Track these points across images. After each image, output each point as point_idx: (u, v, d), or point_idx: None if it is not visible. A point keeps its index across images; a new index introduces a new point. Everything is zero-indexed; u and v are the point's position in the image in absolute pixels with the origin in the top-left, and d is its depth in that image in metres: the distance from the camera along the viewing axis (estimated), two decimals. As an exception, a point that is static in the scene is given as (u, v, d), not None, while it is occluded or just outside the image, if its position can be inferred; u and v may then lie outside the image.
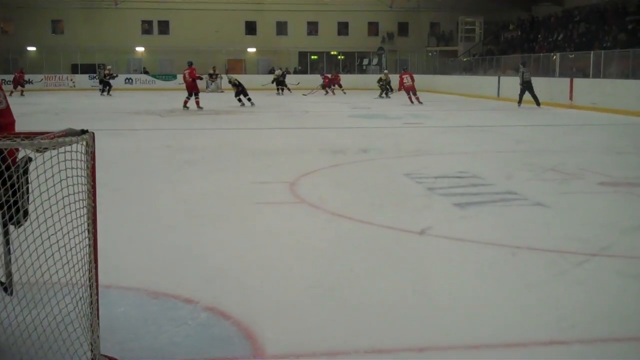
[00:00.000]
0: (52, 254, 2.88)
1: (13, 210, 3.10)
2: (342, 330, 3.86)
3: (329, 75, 36.52)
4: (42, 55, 42.45)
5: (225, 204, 7.51)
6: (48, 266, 2.89)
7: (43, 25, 44.17)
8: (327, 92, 35.14)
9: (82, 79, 40.60)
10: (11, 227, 3.33)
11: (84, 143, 2.94)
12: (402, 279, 4.82)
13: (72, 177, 2.93)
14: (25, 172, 3.24)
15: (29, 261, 2.87)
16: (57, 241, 2.89)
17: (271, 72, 39.39)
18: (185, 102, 22.91)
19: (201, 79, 24.27)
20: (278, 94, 34.81)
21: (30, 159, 3.25)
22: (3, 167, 2.98)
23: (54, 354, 2.96)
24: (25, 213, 3.24)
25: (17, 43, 43.03)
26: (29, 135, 2.82)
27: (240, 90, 25.01)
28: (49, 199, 2.85)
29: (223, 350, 3.56)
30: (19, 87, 33.57)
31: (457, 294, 4.50)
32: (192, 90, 22.88)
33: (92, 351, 3.17)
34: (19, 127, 3.63)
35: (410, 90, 27.20)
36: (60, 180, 2.87)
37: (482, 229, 6.29)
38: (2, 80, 25.73)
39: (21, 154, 3.29)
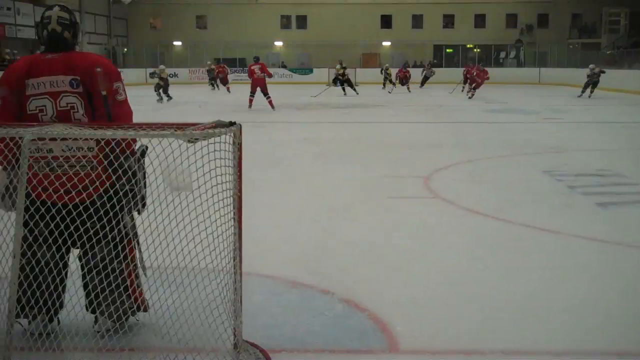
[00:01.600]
0: (201, 241, 3.02)
1: (138, 197, 3.32)
2: (477, 329, 3.80)
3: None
4: (186, 50, 44.33)
5: (359, 197, 7.55)
6: (197, 252, 3.03)
7: (188, 21, 46.16)
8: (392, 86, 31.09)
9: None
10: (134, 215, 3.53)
11: (232, 134, 3.04)
12: (539, 280, 4.66)
13: (220, 167, 3.05)
14: (142, 161, 3.41)
15: (179, 247, 3.01)
16: (206, 228, 3.03)
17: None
18: (269, 102, 19.65)
19: (271, 75, 20.43)
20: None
21: (146, 148, 3.38)
22: (120, 155, 3.23)
23: (200, 337, 3.10)
24: (143, 199, 3.40)
25: (164, 38, 45.22)
26: (181, 126, 2.96)
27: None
28: (199, 187, 2.98)
29: (359, 342, 3.59)
30: (217, 83, 32.17)
31: (597, 299, 4.30)
32: (264, 88, 19.62)
33: (235, 336, 3.29)
34: (168, 119, 3.80)
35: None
36: (210, 170, 3.00)
37: (626, 231, 5.98)
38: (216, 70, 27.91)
39: (137, 144, 3.45)
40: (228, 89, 30.27)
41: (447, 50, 46.06)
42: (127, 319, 3.47)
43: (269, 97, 19.59)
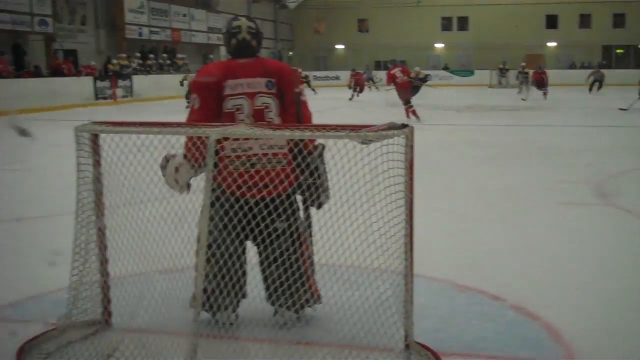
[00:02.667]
0: (374, 240, 3.06)
1: (316, 193, 3.48)
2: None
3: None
4: (348, 53, 45.02)
5: (527, 202, 7.32)
6: (370, 252, 3.08)
7: (350, 25, 46.91)
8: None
9: (382, 75, 42.20)
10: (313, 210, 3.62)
11: (404, 136, 3.06)
12: None
13: (393, 168, 3.08)
14: (322, 158, 3.53)
15: (353, 245, 3.07)
16: (379, 229, 3.06)
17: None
18: (411, 112, 16.78)
19: (411, 82, 17.61)
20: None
21: (324, 147, 3.51)
22: (304, 153, 3.36)
23: (373, 335, 3.13)
24: (326, 196, 3.54)
25: (327, 41, 46.23)
26: (355, 128, 3.01)
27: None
28: (372, 188, 3.02)
29: (533, 351, 3.48)
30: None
31: None
32: (407, 95, 17.10)
33: (406, 337, 3.30)
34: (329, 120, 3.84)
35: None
36: (383, 172, 3.03)
37: None
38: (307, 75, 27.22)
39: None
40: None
41: (617, 50, 43.61)
42: (303, 310, 3.60)
43: (412, 106, 16.92)
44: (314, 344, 3.16)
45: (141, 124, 3.29)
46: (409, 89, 17.15)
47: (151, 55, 30.45)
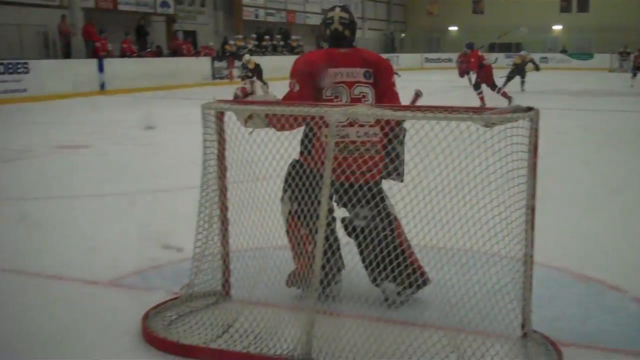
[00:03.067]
0: (494, 225, 3.02)
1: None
2: None
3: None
4: (461, 35, 44.16)
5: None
6: (490, 236, 3.04)
7: (464, 6, 45.96)
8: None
9: (499, 57, 41.13)
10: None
11: (529, 119, 2.99)
12: None
13: (515, 152, 3.02)
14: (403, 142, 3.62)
15: (472, 229, 3.04)
16: (500, 213, 3.02)
17: None
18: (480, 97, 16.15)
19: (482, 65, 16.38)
20: None
21: (406, 130, 3.57)
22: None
23: (490, 321, 3.10)
24: (400, 177, 3.64)
25: (440, 23, 45.50)
26: (478, 110, 2.97)
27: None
28: (495, 172, 2.98)
29: (656, 345, 3.35)
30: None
31: None
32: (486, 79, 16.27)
33: (523, 325, 3.24)
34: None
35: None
36: (505, 155, 2.98)
37: None
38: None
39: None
40: None
41: None
42: (413, 291, 3.62)
43: (481, 92, 16.25)
44: (429, 325, 3.16)
45: (265, 102, 3.38)
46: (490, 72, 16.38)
47: (267, 37, 30.93)
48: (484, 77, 16.34)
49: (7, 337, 3.47)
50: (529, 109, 3.01)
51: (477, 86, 16.47)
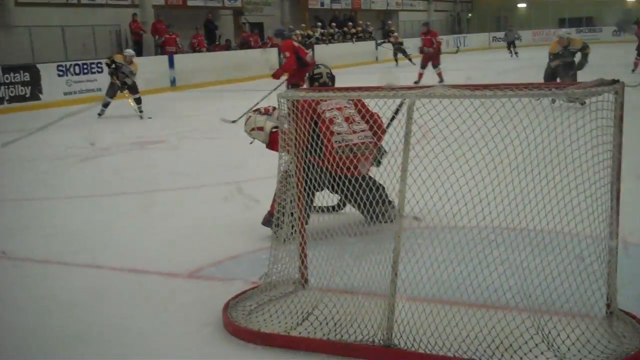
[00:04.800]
0: (579, 203, 2.92)
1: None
2: None
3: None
4: (530, 11, 43.10)
5: None
6: (574, 215, 2.94)
7: (533, -18, 44.81)
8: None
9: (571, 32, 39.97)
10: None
11: (614, 92, 2.88)
12: None
13: (601, 127, 2.91)
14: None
15: (556, 208, 2.95)
16: (584, 190, 2.92)
17: None
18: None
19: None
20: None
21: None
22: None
23: (575, 301, 3.01)
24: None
25: (509, 1, 44.44)
26: (560, 86, 2.87)
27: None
28: (578, 148, 2.88)
29: None
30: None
31: None
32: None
33: (609, 304, 3.15)
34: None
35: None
36: (590, 130, 2.88)
37: None
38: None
39: None
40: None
41: None
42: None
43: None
44: (512, 308, 3.09)
45: (338, 89, 3.36)
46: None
47: (333, 24, 30.86)
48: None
49: (91, 331, 3.57)
50: (614, 81, 2.91)
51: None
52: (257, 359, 3.15)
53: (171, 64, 20.22)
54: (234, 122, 10.14)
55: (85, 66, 17.50)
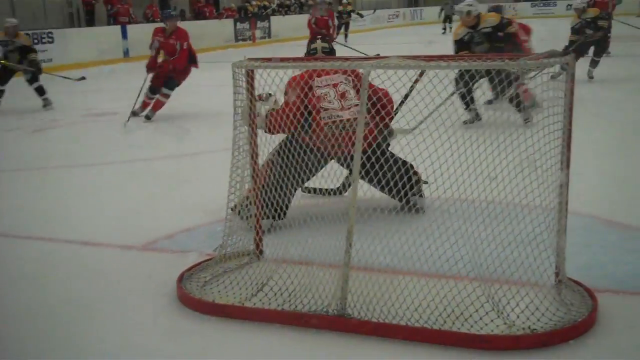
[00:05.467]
0: (529, 174, 2.98)
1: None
2: None
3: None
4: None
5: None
6: (524, 185, 3.00)
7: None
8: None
9: (525, 6, 40.27)
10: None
11: (565, 64, 2.93)
12: None
13: (552, 97, 2.96)
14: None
15: (499, 178, 3.00)
16: (535, 161, 2.97)
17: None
18: None
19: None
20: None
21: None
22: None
23: (524, 270, 3.08)
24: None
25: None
26: (513, 57, 2.90)
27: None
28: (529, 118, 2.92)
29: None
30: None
31: None
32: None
33: (557, 273, 3.23)
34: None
35: None
36: (542, 102, 2.92)
37: None
38: None
39: None
40: None
41: None
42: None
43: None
44: (463, 277, 3.14)
45: (295, 59, 3.35)
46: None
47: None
48: None
49: (44, 304, 3.52)
50: (565, 53, 2.95)
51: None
52: (212, 330, 3.15)
53: (124, 34, 19.83)
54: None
55: (35, 36, 17.07)
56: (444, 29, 28.19)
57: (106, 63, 17.54)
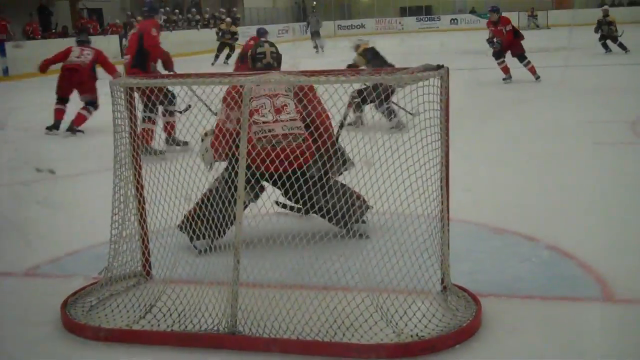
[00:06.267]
0: (410, 184, 3.05)
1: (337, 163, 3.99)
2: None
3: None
4: (373, 0, 44.33)
5: (562, 143, 7.25)
6: (406, 195, 3.07)
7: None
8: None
9: (410, 21, 41.51)
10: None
11: (440, 77, 3.03)
12: None
13: (429, 110, 3.05)
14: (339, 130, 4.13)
15: (389, 190, 3.07)
16: (415, 172, 3.05)
17: None
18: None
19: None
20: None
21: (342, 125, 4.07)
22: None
23: (410, 278, 3.14)
24: (344, 162, 4.06)
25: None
26: (391, 71, 2.98)
27: None
28: (408, 131, 3.01)
29: (570, 290, 3.49)
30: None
31: None
32: None
33: (442, 280, 3.32)
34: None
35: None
36: (423, 112, 3.01)
37: None
38: None
39: None
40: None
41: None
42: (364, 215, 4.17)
43: None
44: (351, 289, 3.18)
45: (175, 75, 3.31)
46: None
47: (176, 11, 30.27)
48: None
49: None
50: (439, 67, 3.05)
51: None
52: (100, 357, 3.05)
53: (2, 51, 19.02)
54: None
55: None
56: (315, 47, 25.80)
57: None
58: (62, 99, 9.49)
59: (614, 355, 2.90)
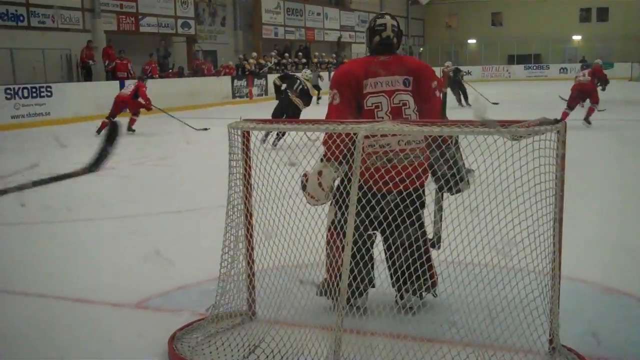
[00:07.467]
0: (522, 240, 2.99)
1: (453, 180, 3.52)
2: None
3: None
4: (480, 47, 44.11)
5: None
6: (517, 250, 3.01)
7: (483, 19, 46.04)
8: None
9: (518, 69, 41.00)
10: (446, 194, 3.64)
11: (557, 132, 2.97)
12: None
13: (543, 165, 3.00)
14: (457, 147, 3.53)
15: (500, 244, 3.01)
16: (527, 227, 2.99)
17: None
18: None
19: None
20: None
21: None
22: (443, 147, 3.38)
23: (518, 336, 3.06)
24: (465, 183, 3.58)
25: (459, 36, 45.56)
26: (504, 124, 2.95)
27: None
28: (522, 185, 2.95)
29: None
30: None
31: None
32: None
33: (551, 339, 3.21)
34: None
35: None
36: (534, 168, 2.96)
37: None
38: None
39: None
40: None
41: None
42: (426, 294, 3.75)
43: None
44: (457, 343, 3.12)
45: (290, 121, 3.39)
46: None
47: (286, 54, 31.06)
48: None
49: (36, 360, 3.48)
50: (557, 120, 3.00)
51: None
52: (202, 392, 3.11)
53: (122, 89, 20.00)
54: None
55: (34, 90, 17.24)
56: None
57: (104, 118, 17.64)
58: None
59: None
